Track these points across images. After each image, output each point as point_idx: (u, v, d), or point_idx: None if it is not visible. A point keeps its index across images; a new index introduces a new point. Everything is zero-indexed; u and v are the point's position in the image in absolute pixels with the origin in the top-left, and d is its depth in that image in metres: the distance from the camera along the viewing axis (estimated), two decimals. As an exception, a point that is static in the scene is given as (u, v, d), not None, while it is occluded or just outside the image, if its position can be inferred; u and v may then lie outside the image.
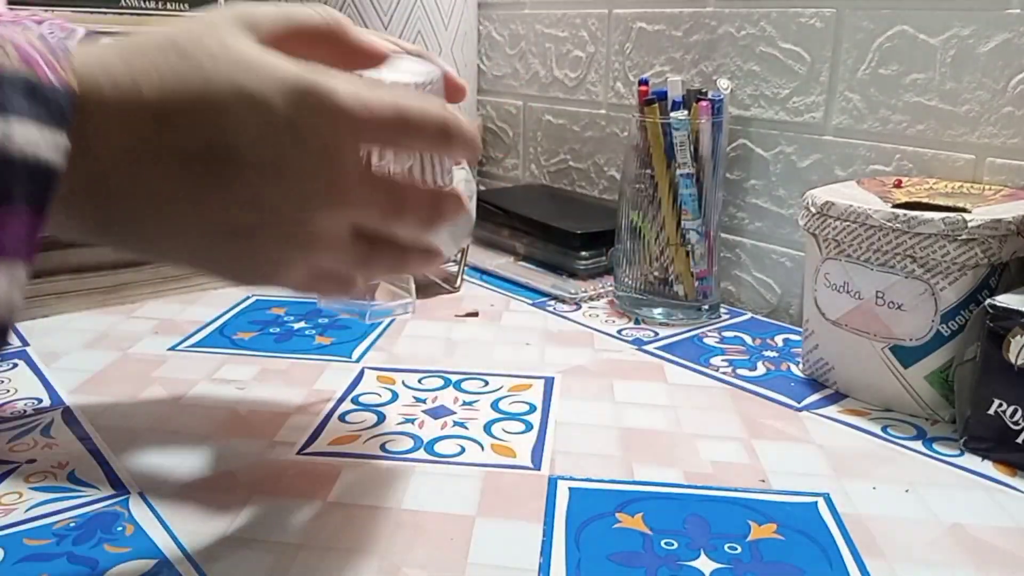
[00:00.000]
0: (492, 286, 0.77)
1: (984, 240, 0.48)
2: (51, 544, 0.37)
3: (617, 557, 0.38)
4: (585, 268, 0.77)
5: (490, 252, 0.85)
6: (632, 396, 0.55)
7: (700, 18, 0.75)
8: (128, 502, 0.41)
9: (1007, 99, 0.57)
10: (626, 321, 0.69)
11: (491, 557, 0.37)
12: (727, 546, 0.39)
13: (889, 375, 0.53)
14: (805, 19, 0.67)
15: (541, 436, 0.49)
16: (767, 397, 0.55)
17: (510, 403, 0.53)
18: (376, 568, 0.36)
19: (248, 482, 0.43)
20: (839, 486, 0.44)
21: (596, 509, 0.41)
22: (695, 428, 0.50)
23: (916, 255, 0.50)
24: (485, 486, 0.43)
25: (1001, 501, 0.43)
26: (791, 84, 0.69)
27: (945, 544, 0.39)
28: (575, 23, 0.89)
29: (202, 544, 0.38)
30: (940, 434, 0.50)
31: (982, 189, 0.57)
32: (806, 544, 0.39)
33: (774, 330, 0.68)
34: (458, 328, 0.66)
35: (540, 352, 0.62)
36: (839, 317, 0.54)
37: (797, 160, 0.69)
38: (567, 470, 0.45)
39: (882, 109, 0.64)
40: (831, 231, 0.53)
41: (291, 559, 0.37)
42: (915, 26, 0.61)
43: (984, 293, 0.49)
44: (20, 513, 0.40)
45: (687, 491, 0.44)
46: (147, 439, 0.47)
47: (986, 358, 0.46)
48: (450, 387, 0.55)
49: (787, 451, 0.48)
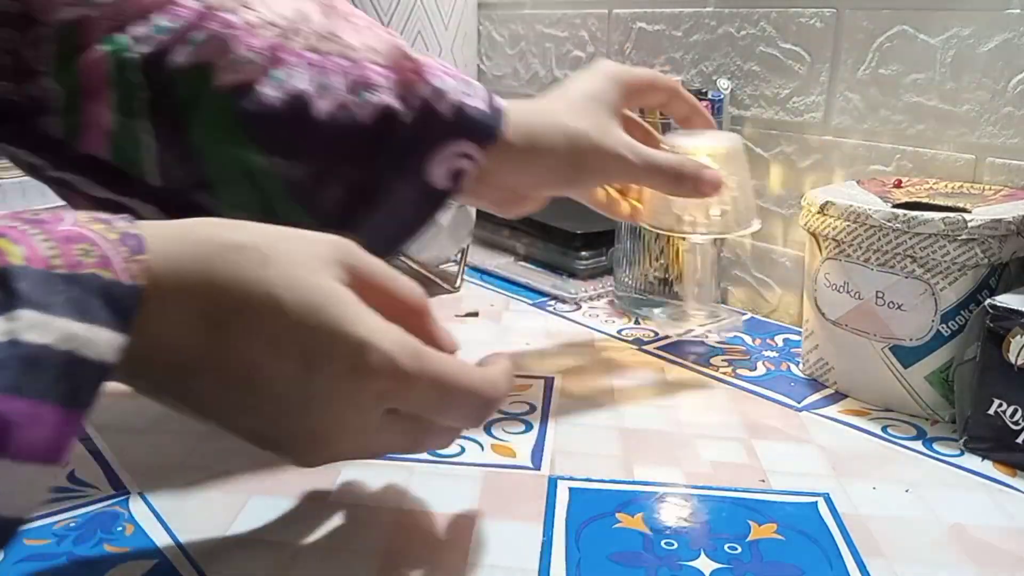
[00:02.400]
0: (492, 286, 0.77)
1: (984, 240, 0.48)
2: (51, 544, 0.37)
3: (617, 557, 0.38)
4: (585, 268, 0.77)
5: (490, 252, 0.85)
6: (632, 396, 0.55)
7: (700, 18, 0.75)
8: (128, 502, 0.41)
9: (1007, 99, 0.57)
10: (626, 321, 0.69)
11: (491, 557, 0.37)
12: (727, 546, 0.39)
13: (889, 375, 0.53)
14: (805, 19, 0.67)
15: (541, 436, 0.49)
16: (767, 397, 0.55)
17: (510, 403, 0.53)
18: (376, 568, 0.36)
19: (248, 482, 0.43)
20: (839, 486, 0.44)
21: (596, 509, 0.41)
22: (695, 428, 0.50)
23: (916, 255, 0.50)
24: (485, 486, 0.43)
25: (1001, 501, 0.43)
26: (791, 84, 0.69)
27: (945, 544, 0.39)
28: (575, 23, 0.89)
29: (202, 544, 0.38)
30: (940, 434, 0.50)
31: (982, 189, 0.57)
32: (806, 544, 0.39)
33: (774, 330, 0.68)
34: (458, 328, 0.66)
35: (540, 352, 0.62)
36: (839, 317, 0.54)
37: (797, 160, 0.69)
38: (567, 470, 0.45)
39: (882, 109, 0.64)
40: (831, 231, 0.53)
41: (291, 559, 0.37)
42: (915, 26, 0.61)
43: (984, 293, 0.49)
44: (20, 513, 0.40)
45: (687, 491, 0.44)
46: (147, 439, 0.47)
47: (986, 358, 0.46)
48: (450, 387, 0.55)
49: (787, 451, 0.48)
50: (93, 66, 0.39)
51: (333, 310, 0.29)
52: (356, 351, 0.29)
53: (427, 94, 0.44)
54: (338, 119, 0.42)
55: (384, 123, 0.43)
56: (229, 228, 0.30)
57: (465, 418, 0.34)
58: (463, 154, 0.45)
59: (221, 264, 0.29)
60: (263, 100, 0.41)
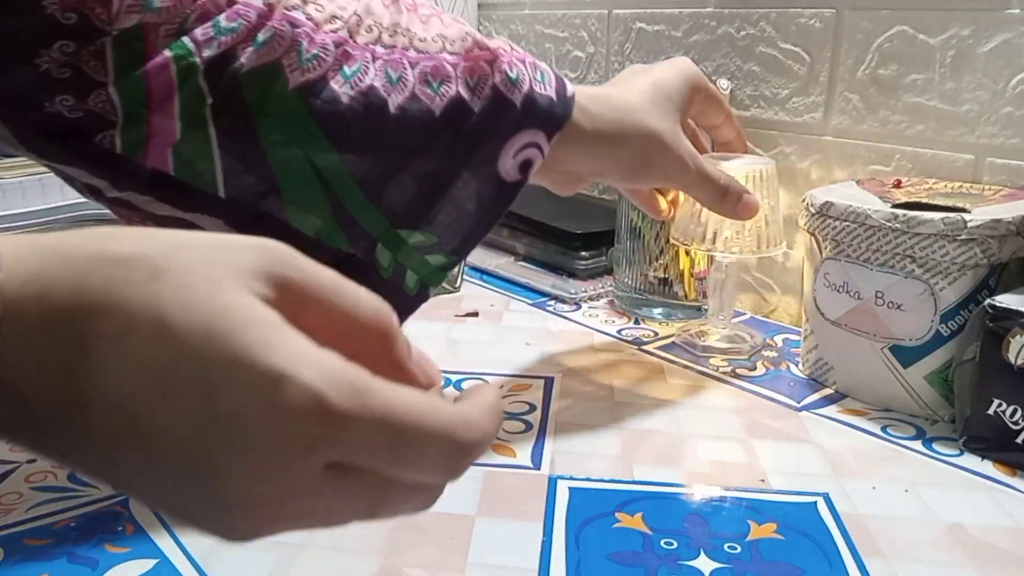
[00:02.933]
0: (492, 286, 0.77)
1: (984, 240, 0.48)
2: (51, 544, 0.37)
3: (617, 557, 0.38)
4: (585, 268, 0.77)
5: (490, 252, 0.85)
6: (632, 396, 0.55)
7: (700, 18, 0.75)
8: (128, 502, 0.41)
9: (1007, 99, 0.57)
10: (626, 321, 0.69)
11: (491, 557, 0.37)
12: (727, 546, 0.39)
13: (889, 375, 0.53)
14: (805, 19, 0.67)
15: (541, 436, 0.49)
16: (767, 397, 0.55)
17: (510, 403, 0.53)
18: (376, 568, 0.36)
19: (248, 482, 0.43)
20: (838, 486, 0.44)
21: (596, 509, 0.41)
22: (695, 428, 0.50)
23: (916, 255, 0.50)
24: (485, 486, 0.43)
25: (1001, 501, 0.43)
26: (791, 84, 0.69)
27: (945, 544, 0.40)
28: (575, 23, 0.89)
29: (202, 544, 0.38)
30: (940, 434, 0.50)
31: (982, 189, 0.57)
32: (806, 544, 0.39)
33: (774, 330, 0.68)
34: (458, 328, 0.66)
35: (540, 352, 0.62)
36: (839, 317, 0.54)
37: (797, 160, 0.69)
38: (567, 470, 0.45)
39: (882, 109, 0.64)
40: (831, 231, 0.53)
41: (291, 559, 0.37)
42: (915, 26, 0.61)
43: (984, 293, 0.49)
44: (20, 513, 0.40)
45: (687, 491, 0.44)
46: (147, 439, 0.47)
47: (986, 358, 0.47)
48: (450, 387, 0.55)
49: (787, 451, 0.48)
50: (156, 73, 0.38)
51: (240, 335, 0.22)
52: (270, 386, 0.22)
53: (498, 83, 0.44)
54: (409, 112, 0.42)
55: (455, 114, 0.43)
56: (114, 237, 0.23)
57: (434, 468, 0.25)
58: (532, 144, 0.45)
59: (98, 282, 0.22)
60: (335, 98, 0.40)
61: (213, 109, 0.39)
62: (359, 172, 0.42)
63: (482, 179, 0.44)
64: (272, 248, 0.25)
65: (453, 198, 0.44)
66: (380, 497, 0.26)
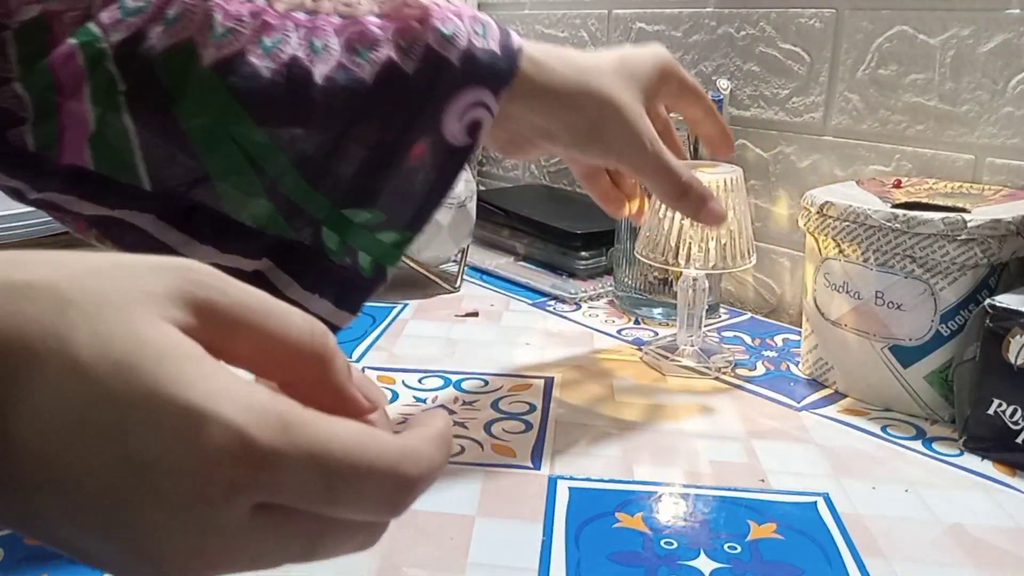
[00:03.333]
0: (492, 286, 0.77)
1: (983, 240, 0.48)
2: (51, 544, 0.37)
3: (617, 557, 0.38)
4: (585, 268, 0.77)
5: (490, 252, 0.85)
6: (632, 396, 0.55)
7: (700, 18, 0.75)
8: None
9: (1007, 99, 0.57)
10: (626, 321, 0.69)
11: (491, 557, 0.37)
12: (727, 546, 0.39)
13: (889, 375, 0.53)
14: (805, 19, 0.67)
15: (541, 436, 0.49)
16: (767, 397, 0.55)
17: (510, 403, 0.53)
18: (376, 568, 0.36)
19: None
20: (839, 486, 0.44)
21: (596, 509, 0.41)
22: (695, 428, 0.50)
23: (915, 255, 0.50)
24: (485, 486, 0.43)
25: (1001, 501, 0.43)
26: (791, 84, 0.69)
27: (945, 544, 0.40)
28: (575, 23, 0.89)
29: (202, 544, 0.38)
30: (940, 434, 0.50)
31: (982, 189, 0.57)
32: (806, 544, 0.39)
33: (774, 330, 0.68)
34: (458, 328, 0.66)
35: (540, 352, 0.62)
36: (839, 317, 0.55)
37: (797, 160, 0.69)
38: (567, 470, 0.45)
39: (881, 109, 0.64)
40: (831, 231, 0.53)
41: (291, 559, 0.37)
42: (915, 26, 0.61)
43: (984, 293, 0.49)
44: (20, 513, 0.40)
45: (687, 491, 0.44)
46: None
47: (986, 358, 0.47)
48: (450, 387, 0.55)
49: (787, 451, 0.48)
50: (63, 63, 0.35)
51: (154, 370, 0.20)
52: (187, 427, 0.20)
53: (431, 42, 0.40)
54: (338, 82, 0.39)
55: (389, 80, 0.40)
56: (15, 264, 0.22)
57: (375, 506, 0.23)
58: (479, 103, 0.41)
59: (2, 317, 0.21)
60: (255, 73, 0.37)
61: (128, 96, 0.37)
62: (292, 151, 0.39)
63: (427, 146, 0.41)
64: (192, 270, 0.23)
65: (398, 170, 0.41)
66: (314, 539, 0.24)
